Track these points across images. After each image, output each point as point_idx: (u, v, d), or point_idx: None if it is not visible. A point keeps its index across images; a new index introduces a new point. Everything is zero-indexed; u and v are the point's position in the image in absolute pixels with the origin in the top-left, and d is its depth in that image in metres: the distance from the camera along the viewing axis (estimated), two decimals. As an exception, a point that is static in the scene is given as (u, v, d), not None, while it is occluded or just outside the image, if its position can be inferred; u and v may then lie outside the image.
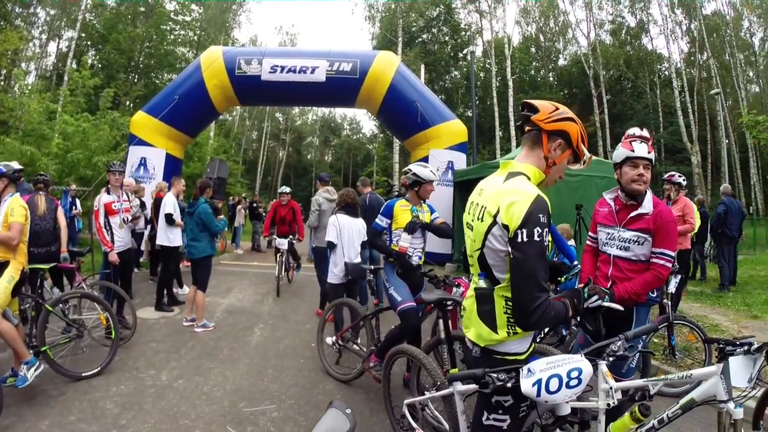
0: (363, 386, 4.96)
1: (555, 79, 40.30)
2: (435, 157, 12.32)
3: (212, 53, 13.20)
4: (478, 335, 2.11)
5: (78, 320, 5.29)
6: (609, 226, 3.34)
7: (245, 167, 40.37)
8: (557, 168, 2.12)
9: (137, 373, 5.11)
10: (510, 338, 2.04)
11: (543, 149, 2.08)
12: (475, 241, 2.10)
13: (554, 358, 1.97)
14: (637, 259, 3.20)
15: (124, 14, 31.15)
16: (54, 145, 14.88)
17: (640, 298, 3.14)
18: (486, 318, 2.07)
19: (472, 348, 2.17)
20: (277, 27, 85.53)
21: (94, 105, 19.07)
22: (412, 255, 4.64)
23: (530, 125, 2.11)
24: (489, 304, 2.07)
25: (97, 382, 4.85)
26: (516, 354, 2.07)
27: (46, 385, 4.69)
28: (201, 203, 6.88)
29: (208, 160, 22.83)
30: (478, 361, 2.13)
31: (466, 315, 2.24)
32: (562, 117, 2.07)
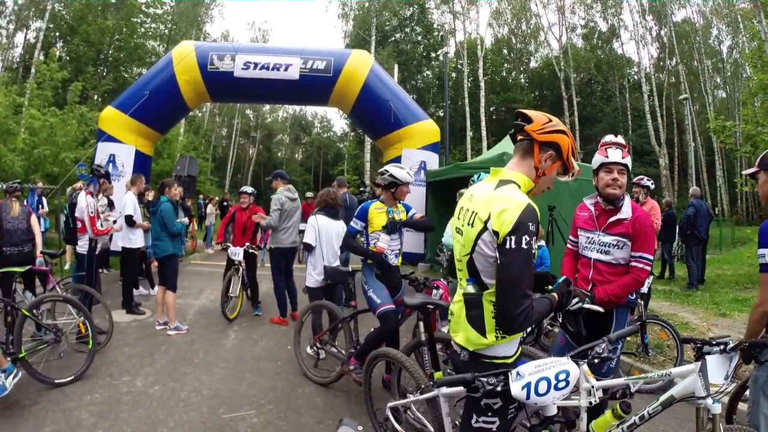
0: (343, 389, 4.92)
1: (526, 81, 40.77)
2: (408, 157, 12.32)
3: (184, 48, 12.97)
4: (467, 339, 2.13)
5: (54, 325, 5.14)
6: (589, 230, 3.41)
7: (215, 164, 39.92)
8: (546, 178, 2.16)
9: (111, 380, 4.97)
10: (498, 342, 2.07)
11: (534, 159, 2.11)
12: (465, 246, 2.12)
13: (542, 361, 2.02)
14: (616, 263, 3.26)
15: (94, 5, 30.16)
16: (20, 141, 14.37)
17: (620, 300, 3.21)
18: (474, 322, 2.10)
19: (460, 352, 2.20)
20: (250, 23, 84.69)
21: (61, 99, 18.58)
22: (389, 255, 4.62)
23: (523, 135, 2.14)
24: (477, 308, 2.10)
25: (71, 390, 4.70)
26: (504, 357, 2.11)
27: (19, 394, 4.52)
28: (163, 202, 6.76)
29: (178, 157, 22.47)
30: (466, 365, 2.15)
31: (454, 319, 2.25)
32: (555, 129, 2.11)
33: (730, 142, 15.43)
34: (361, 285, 4.72)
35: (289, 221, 7.16)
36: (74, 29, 28.80)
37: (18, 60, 31.97)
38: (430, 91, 37.76)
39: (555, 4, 36.34)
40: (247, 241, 7.73)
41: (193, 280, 8.81)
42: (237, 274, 7.57)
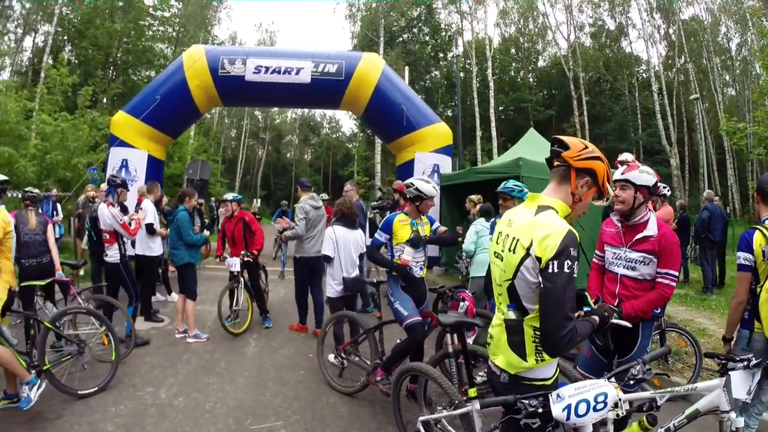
0: (367, 398, 4.91)
1: (535, 81, 40.62)
2: (421, 161, 12.31)
3: (195, 52, 12.94)
4: (508, 363, 2.19)
5: (77, 336, 5.16)
6: (616, 246, 3.45)
7: (224, 166, 39.98)
8: (582, 204, 2.20)
9: (135, 391, 4.96)
10: (538, 365, 2.13)
11: (571, 185, 2.15)
12: (506, 272, 2.17)
13: (582, 383, 2.10)
14: (642, 279, 3.31)
15: (102, 9, 30.24)
16: (32, 146, 14.49)
17: (646, 315, 3.27)
18: (516, 347, 2.16)
19: (499, 374, 2.25)
20: (257, 24, 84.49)
21: (71, 103, 18.64)
22: (413, 267, 4.61)
23: (560, 161, 2.18)
24: (518, 334, 2.16)
25: (95, 402, 4.69)
26: (544, 379, 2.17)
27: (43, 406, 4.51)
28: (179, 211, 6.79)
29: (189, 159, 22.57)
30: (505, 387, 2.21)
31: (494, 343, 2.31)
32: (591, 156, 2.15)
33: (742, 144, 15.31)
34: (386, 296, 4.71)
35: (314, 230, 6.98)
36: (82, 33, 28.88)
37: (27, 64, 32.11)
38: (439, 91, 37.67)
39: (563, 2, 36.18)
40: (242, 250, 7.31)
41: (209, 285, 8.79)
42: (238, 286, 7.26)
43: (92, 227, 6.70)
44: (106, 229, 6.44)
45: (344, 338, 5.59)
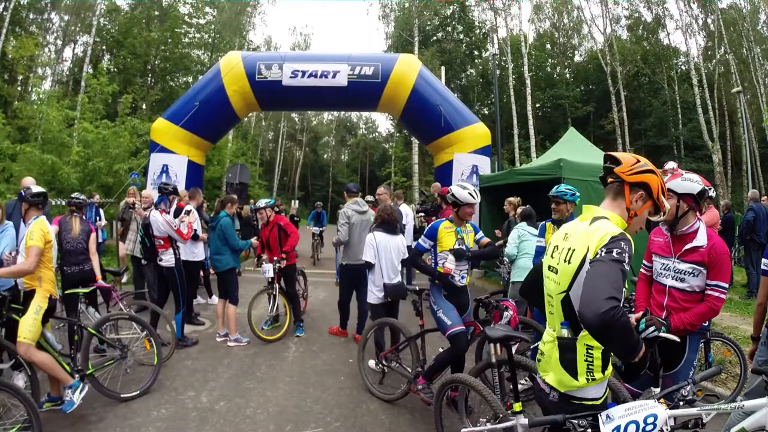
0: (407, 406, 4.84)
1: (572, 76, 39.83)
2: (459, 162, 12.21)
3: (231, 59, 13.15)
4: (559, 381, 2.19)
5: (120, 341, 5.24)
6: (664, 256, 3.37)
7: (262, 168, 40.45)
8: (638, 219, 2.18)
9: (177, 395, 5.02)
10: (589, 384, 2.13)
11: (625, 200, 2.15)
12: (561, 284, 2.16)
13: (631, 405, 2.07)
14: (691, 290, 3.22)
15: (138, 18, 31.22)
16: (74, 154, 14.93)
17: (694, 328, 3.18)
18: (567, 366, 2.15)
19: (549, 392, 2.25)
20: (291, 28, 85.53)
21: (112, 111, 19.14)
22: (455, 276, 4.53)
23: (613, 177, 2.20)
24: (571, 353, 2.15)
25: (137, 405, 4.76)
26: (593, 399, 2.16)
27: (85, 409, 4.60)
28: (222, 216, 6.87)
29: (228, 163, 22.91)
30: (555, 405, 2.22)
31: (544, 360, 2.30)
32: (644, 169, 2.15)
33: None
34: (429, 305, 4.64)
35: (359, 235, 6.85)
36: (120, 42, 29.83)
37: (67, 74, 33.24)
38: (475, 90, 37.29)
39: (597, -5, 35.34)
40: (276, 256, 7.14)
41: (249, 288, 8.76)
42: (272, 292, 7.18)
43: (145, 234, 6.84)
44: (161, 235, 6.59)
45: (385, 345, 5.56)
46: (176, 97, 15.61)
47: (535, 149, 28.76)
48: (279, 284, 7.21)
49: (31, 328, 4.11)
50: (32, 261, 4.14)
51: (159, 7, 31.82)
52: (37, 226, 4.34)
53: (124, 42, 29.54)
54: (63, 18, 33.17)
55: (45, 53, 31.91)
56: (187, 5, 32.17)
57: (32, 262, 4.14)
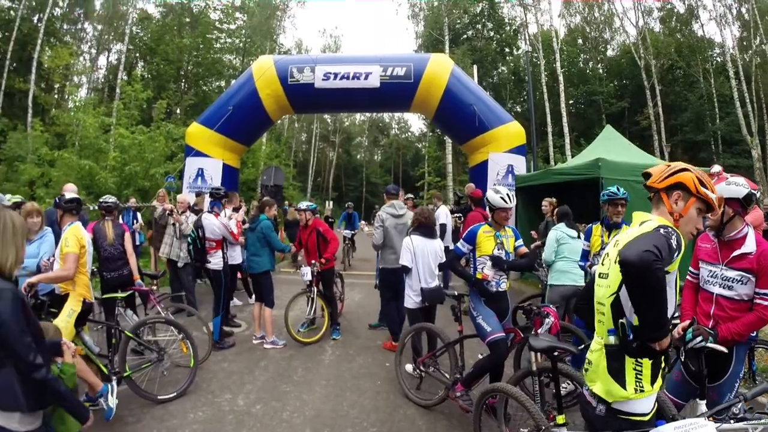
0: (444, 412, 4.77)
1: (605, 71, 39.01)
2: (494, 161, 12.07)
3: (263, 62, 13.26)
4: (607, 391, 2.13)
5: (157, 343, 5.31)
6: (711, 263, 3.23)
7: (296, 170, 40.80)
8: (685, 219, 2.17)
9: (213, 398, 5.04)
10: (637, 396, 2.08)
11: (666, 206, 2.19)
12: (611, 286, 2.14)
13: (681, 423, 2.08)
14: (740, 299, 3.08)
15: (170, 25, 31.86)
16: (111, 159, 15.31)
17: (742, 338, 3.05)
18: (615, 375, 2.11)
19: (595, 405, 2.20)
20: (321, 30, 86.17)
21: (147, 116, 19.55)
22: (491, 281, 4.44)
23: (650, 191, 2.28)
24: (619, 360, 2.11)
25: (174, 407, 4.80)
26: (641, 414, 2.10)
27: (121, 411, 4.63)
28: (262, 219, 6.90)
29: (262, 165, 23.19)
30: (601, 420, 2.16)
31: (592, 369, 2.25)
32: (673, 171, 2.20)
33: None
34: (469, 310, 4.57)
35: (394, 239, 6.75)
36: (153, 49, 30.57)
37: (102, 81, 34.21)
38: (507, 87, 36.84)
39: (629, -13, 34.50)
40: (314, 259, 7.13)
41: (284, 290, 8.81)
42: (311, 294, 7.18)
43: (196, 237, 6.97)
44: (215, 237, 6.81)
45: (423, 350, 5.49)
46: (210, 102, 15.85)
47: (569, 147, 28.25)
48: (317, 287, 7.21)
49: (64, 331, 4.11)
50: (70, 267, 4.23)
51: (190, 14, 32.42)
52: (72, 233, 4.42)
53: (157, 49, 30.22)
54: (96, 27, 34.26)
55: (80, 62, 32.87)
56: (217, 11, 32.67)
57: (70, 268, 4.23)
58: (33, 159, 18.50)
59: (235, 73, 28.66)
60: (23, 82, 27.10)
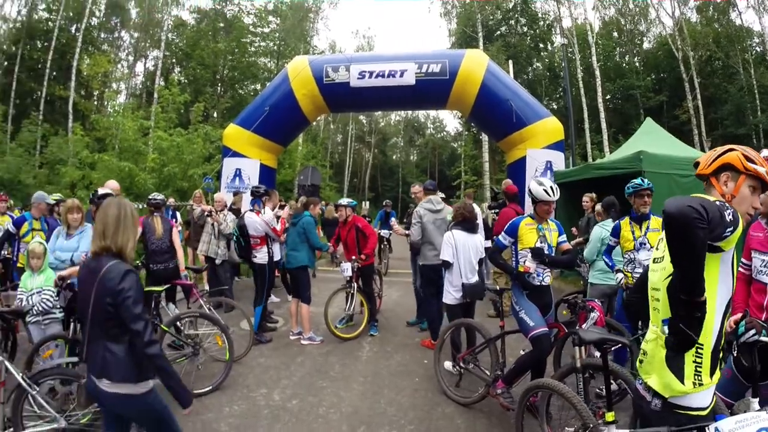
0: (484, 410, 4.68)
1: (641, 64, 38.01)
2: (533, 158, 11.85)
3: (298, 63, 13.33)
4: (663, 385, 2.04)
5: (196, 337, 5.36)
6: (764, 252, 3.10)
7: (332, 171, 41.05)
8: (738, 200, 2.10)
9: (249, 392, 5.07)
10: (695, 390, 1.99)
11: (717, 190, 2.14)
12: (666, 268, 2.07)
13: (742, 416, 1.97)
14: None
15: (205, 31, 32.56)
16: (150, 160, 15.66)
17: None
18: (673, 365, 2.02)
19: (651, 400, 2.11)
20: (354, 31, 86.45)
21: (184, 119, 19.93)
22: (533, 273, 4.33)
23: (701, 179, 2.24)
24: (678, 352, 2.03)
25: (209, 401, 4.84)
26: (699, 409, 2.02)
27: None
28: (305, 215, 7.00)
29: (299, 166, 23.40)
30: (657, 416, 2.08)
31: (647, 360, 2.17)
32: (717, 154, 2.17)
33: None
34: (511, 305, 4.47)
35: (433, 235, 6.68)
36: (189, 55, 31.33)
37: (140, 87, 35.23)
38: (542, 83, 36.20)
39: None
40: (354, 255, 7.22)
41: (322, 287, 8.84)
42: (351, 291, 7.23)
43: (240, 234, 7.16)
44: (258, 234, 7.01)
45: (462, 346, 5.40)
46: (246, 105, 16.04)
47: (607, 143, 27.63)
48: (357, 283, 7.23)
49: None
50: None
51: (224, 19, 33.11)
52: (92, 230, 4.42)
53: (193, 54, 30.92)
54: (132, 35, 35.35)
55: (118, 69, 33.92)
56: (251, 15, 33.19)
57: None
58: (74, 162, 19.14)
59: (270, 75, 29.01)
60: (63, 90, 28.25)
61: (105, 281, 2.51)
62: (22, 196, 17.31)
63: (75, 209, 4.99)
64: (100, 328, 2.56)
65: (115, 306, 2.49)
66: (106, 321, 2.54)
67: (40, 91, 28.21)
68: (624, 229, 5.01)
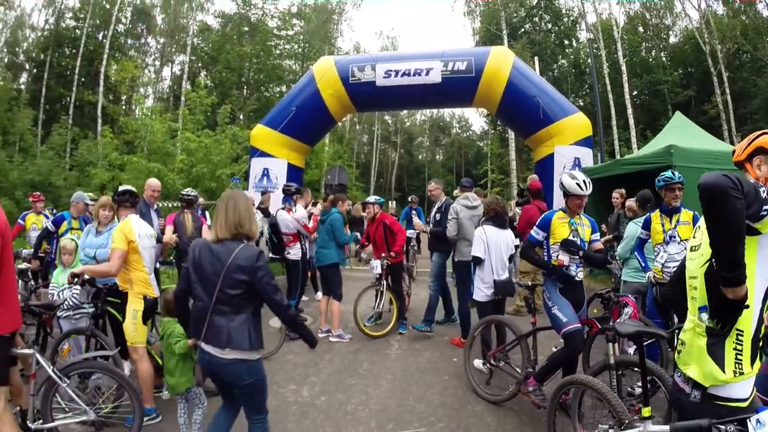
0: (514, 408, 4.64)
1: (668, 59, 37.22)
2: (560, 154, 11.70)
3: (324, 63, 13.40)
4: (703, 374, 2.00)
5: None
6: None
7: (359, 171, 41.19)
8: None
9: (278, 388, 5.07)
10: (735, 379, 1.95)
11: (752, 176, 2.15)
12: (704, 254, 2.05)
13: None
14: None
15: (229, 35, 32.98)
16: (179, 161, 15.93)
17: None
18: (714, 354, 1.98)
19: (689, 391, 2.08)
20: (378, 32, 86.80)
21: (212, 122, 20.20)
22: (571, 267, 4.26)
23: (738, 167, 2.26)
24: (718, 337, 1.99)
25: (238, 396, 4.90)
26: (739, 400, 1.97)
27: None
28: (334, 212, 7.06)
29: (325, 166, 23.55)
30: (696, 407, 2.03)
31: (686, 350, 2.13)
32: (751, 139, 2.21)
33: None
34: (543, 301, 4.41)
35: (469, 231, 6.59)
36: (215, 58, 31.79)
37: (167, 91, 36.02)
38: (568, 80, 35.65)
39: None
40: (383, 252, 7.16)
41: (350, 286, 8.77)
42: (380, 288, 7.19)
43: (273, 232, 7.34)
44: (290, 231, 7.15)
45: (492, 344, 5.36)
46: (272, 107, 16.22)
47: (635, 140, 27.15)
48: (386, 281, 7.20)
49: (133, 333, 4.25)
50: (114, 263, 4.20)
51: (248, 23, 33.45)
52: (120, 228, 4.37)
53: (218, 57, 31.36)
54: (159, 41, 36.23)
55: (145, 74, 34.63)
56: (275, 19, 33.55)
57: (114, 264, 4.20)
58: (104, 164, 19.61)
59: (295, 78, 29.24)
60: (92, 95, 29.05)
61: (239, 260, 2.91)
62: (53, 197, 17.76)
63: (108, 206, 5.07)
64: (227, 302, 2.94)
65: (250, 282, 2.91)
66: (234, 296, 2.92)
67: (69, 97, 29.07)
68: (654, 222, 4.97)
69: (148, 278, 4.43)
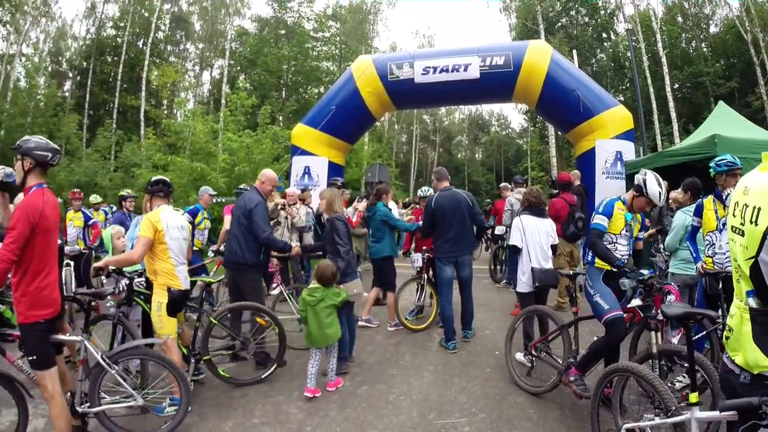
0: (556, 401, 4.64)
1: (709, 50, 35.97)
2: (602, 148, 11.49)
3: (362, 62, 13.53)
4: (753, 362, 1.90)
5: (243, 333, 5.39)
6: None
7: (399, 170, 41.34)
8: None
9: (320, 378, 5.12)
10: None
11: None
12: (748, 248, 1.88)
13: None
14: None
15: (267, 39, 33.57)
16: (221, 161, 16.31)
17: None
18: (761, 341, 1.88)
19: (739, 373, 1.98)
20: (414, 31, 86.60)
21: (252, 123, 20.60)
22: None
23: None
24: (764, 324, 1.88)
25: (279, 384, 5.04)
26: None
27: (228, 386, 4.97)
28: (380, 206, 7.17)
29: (365, 165, 23.76)
30: (746, 387, 1.94)
31: (733, 336, 2.03)
32: None
33: None
34: (585, 289, 4.40)
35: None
36: (253, 62, 32.41)
37: (207, 95, 36.95)
38: (607, 75, 34.88)
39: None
40: (426, 246, 7.11)
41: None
42: (421, 282, 7.27)
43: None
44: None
45: (534, 335, 5.38)
46: (310, 108, 16.43)
47: (677, 134, 26.39)
48: (427, 274, 7.20)
49: (159, 325, 4.37)
50: (137, 251, 4.29)
51: (285, 26, 33.97)
52: (149, 216, 4.45)
53: (257, 61, 31.96)
54: (198, 47, 37.45)
55: (185, 79, 35.61)
56: (311, 21, 33.93)
57: (137, 252, 4.29)
58: (147, 165, 20.25)
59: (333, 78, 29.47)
60: (134, 100, 30.36)
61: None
62: (102, 196, 18.37)
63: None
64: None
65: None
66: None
67: (113, 102, 30.38)
68: (707, 208, 4.77)
69: (173, 270, 4.46)
